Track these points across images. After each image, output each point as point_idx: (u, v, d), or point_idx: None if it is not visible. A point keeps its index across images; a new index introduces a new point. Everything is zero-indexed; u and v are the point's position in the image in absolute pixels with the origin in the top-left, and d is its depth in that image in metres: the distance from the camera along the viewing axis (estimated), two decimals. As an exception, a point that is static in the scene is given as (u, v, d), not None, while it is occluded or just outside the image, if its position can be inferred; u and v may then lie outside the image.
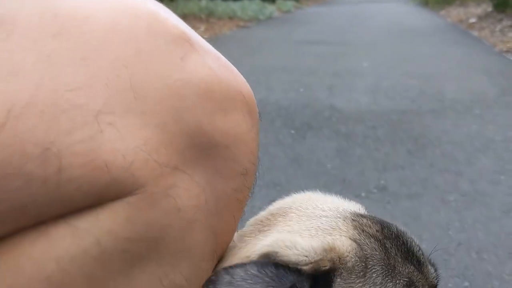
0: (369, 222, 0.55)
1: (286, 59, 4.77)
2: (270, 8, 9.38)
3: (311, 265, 0.46)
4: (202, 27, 6.64)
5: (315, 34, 6.69)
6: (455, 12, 9.64)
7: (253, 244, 0.52)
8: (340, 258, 0.49)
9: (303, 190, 0.62)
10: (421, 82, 3.79)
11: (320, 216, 0.56)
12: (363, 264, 0.50)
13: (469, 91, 3.50)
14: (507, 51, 5.23)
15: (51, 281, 0.36)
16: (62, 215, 0.36)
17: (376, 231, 0.54)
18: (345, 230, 0.53)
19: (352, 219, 0.55)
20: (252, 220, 0.58)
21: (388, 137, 2.51)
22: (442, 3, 10.87)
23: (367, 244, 0.52)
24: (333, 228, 0.53)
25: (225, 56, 0.49)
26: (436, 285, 0.57)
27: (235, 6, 8.49)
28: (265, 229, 0.55)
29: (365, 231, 0.54)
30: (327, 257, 0.48)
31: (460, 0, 10.45)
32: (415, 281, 0.53)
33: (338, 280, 0.49)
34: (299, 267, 0.46)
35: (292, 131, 2.58)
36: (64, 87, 0.35)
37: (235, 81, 0.45)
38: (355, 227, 0.54)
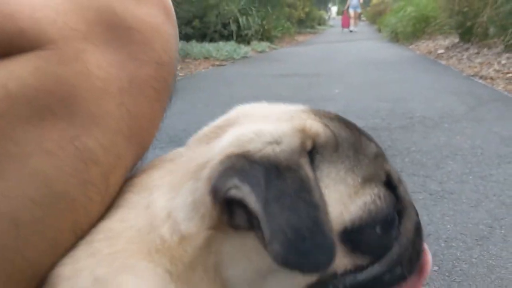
0: (327, 113, 0.56)
1: (261, 90, 4.85)
2: (244, 49, 9.60)
3: (288, 153, 0.44)
4: (178, 67, 6.73)
5: (289, 68, 6.85)
6: (424, 46, 10.00)
7: (206, 151, 0.48)
8: (314, 136, 0.49)
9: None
10: (392, 104, 3.88)
11: (276, 113, 0.54)
12: (334, 140, 0.51)
13: (438, 109, 3.59)
14: (475, 75, 5.42)
15: None
16: None
17: (336, 117, 0.56)
18: (306, 117, 0.52)
19: (310, 110, 0.55)
20: (194, 136, 0.55)
21: (359, 150, 2.54)
22: (411, 38, 11.27)
23: (332, 125, 0.53)
24: (293, 117, 0.52)
25: (202, 88, 0.53)
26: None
27: (210, 47, 8.67)
28: (214, 139, 0.51)
29: (326, 116, 0.54)
30: (302, 137, 0.47)
31: (429, 34, 10.85)
32: (381, 153, 0.57)
33: (318, 156, 0.49)
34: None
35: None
36: None
37: None
38: (315, 114, 0.54)
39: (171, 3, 0.52)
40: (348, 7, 22.52)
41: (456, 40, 8.54)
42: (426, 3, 11.02)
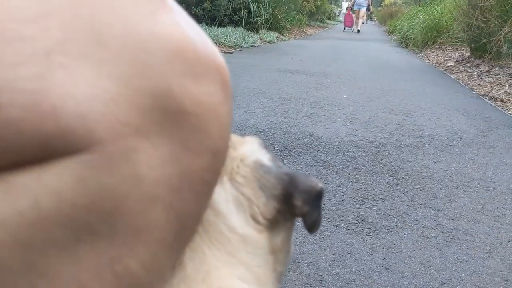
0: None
1: (267, 85, 4.73)
2: (253, 37, 9.44)
3: None
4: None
5: (297, 64, 6.72)
6: (433, 55, 9.90)
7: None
8: None
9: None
10: (400, 117, 3.78)
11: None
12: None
13: (448, 129, 3.50)
14: (485, 95, 5.34)
15: None
16: None
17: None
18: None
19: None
20: None
21: (368, 168, 2.45)
22: (421, 45, 11.16)
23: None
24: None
25: None
26: None
27: (219, 32, 8.51)
28: None
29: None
30: None
31: (439, 44, 10.74)
32: None
33: None
34: None
35: (270, 156, 2.50)
36: (12, 18, 0.29)
37: (208, 47, 0.38)
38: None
39: (228, 73, 0.42)
40: (353, 4, 20.22)
41: (467, 54, 8.44)
42: (440, 12, 10.88)
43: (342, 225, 1.74)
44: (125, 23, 0.32)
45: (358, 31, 19.63)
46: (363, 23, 20.98)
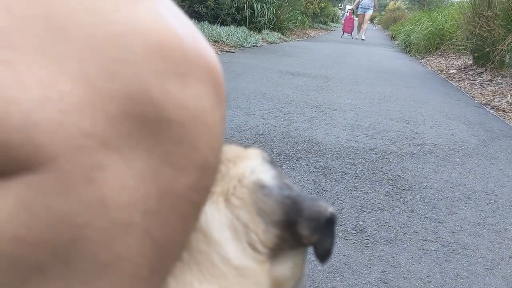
0: None
1: (268, 87, 4.68)
2: (255, 37, 9.39)
3: None
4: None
5: (299, 66, 6.67)
6: (435, 62, 9.85)
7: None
8: None
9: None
10: (401, 124, 3.74)
11: None
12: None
13: (449, 138, 3.46)
14: (486, 104, 5.29)
15: None
16: None
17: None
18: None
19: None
20: None
21: (367, 176, 2.40)
22: (424, 52, 11.12)
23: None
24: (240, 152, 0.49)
25: None
26: None
27: (221, 31, 8.45)
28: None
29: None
30: None
31: (441, 51, 10.70)
32: None
33: None
34: None
35: (269, 160, 2.45)
36: None
37: (198, 42, 0.32)
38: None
39: (221, 73, 0.36)
40: (357, 7, 16.52)
41: (470, 62, 8.39)
42: (444, 19, 10.84)
43: (340, 235, 1.70)
44: (94, 10, 0.26)
45: (363, 39, 16.32)
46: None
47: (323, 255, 0.43)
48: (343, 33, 18.15)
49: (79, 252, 0.25)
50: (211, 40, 7.66)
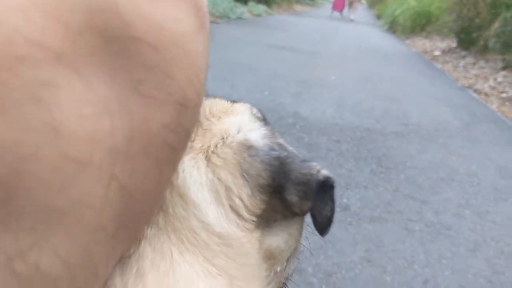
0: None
1: (253, 60, 4.59)
2: (241, 9, 9.21)
3: None
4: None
5: (285, 40, 6.58)
6: (420, 43, 9.84)
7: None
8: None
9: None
10: (386, 103, 3.72)
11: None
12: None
13: (433, 119, 3.45)
14: (469, 87, 5.31)
15: None
16: None
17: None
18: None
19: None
20: None
21: (352, 154, 2.37)
22: (409, 32, 11.10)
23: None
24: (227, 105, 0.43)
25: None
26: None
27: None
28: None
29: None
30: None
31: (426, 32, 10.69)
32: None
33: None
34: None
35: (253, 133, 2.40)
36: None
37: None
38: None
39: None
40: None
41: (454, 44, 8.41)
42: (430, 0, 10.80)
43: (325, 212, 1.67)
44: None
45: (351, 20, 14.83)
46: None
47: (322, 225, 0.38)
48: (332, 11, 16.29)
49: (23, 192, 0.19)
50: (196, 9, 7.48)
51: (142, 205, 0.27)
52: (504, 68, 5.98)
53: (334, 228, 1.58)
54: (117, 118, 0.22)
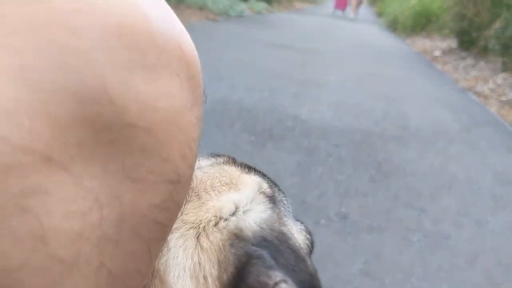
0: (229, 158, 0.46)
1: (253, 59, 4.57)
2: (241, 6, 9.17)
3: None
4: (170, 11, 6.32)
5: (285, 39, 6.55)
6: (420, 43, 9.81)
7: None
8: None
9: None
10: (386, 104, 3.71)
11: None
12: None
13: (432, 122, 3.44)
14: (469, 89, 5.30)
15: None
16: None
17: (239, 163, 0.45)
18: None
19: (224, 162, 0.44)
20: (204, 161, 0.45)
21: (351, 159, 2.36)
22: (409, 31, 11.07)
23: (256, 172, 0.42)
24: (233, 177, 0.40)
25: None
26: None
27: (207, -4, 8.22)
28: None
29: (241, 165, 0.43)
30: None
31: (427, 32, 10.66)
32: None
33: None
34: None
35: (252, 138, 2.38)
36: None
37: (171, 26, 0.25)
38: (235, 165, 0.43)
39: (198, 63, 0.28)
40: None
41: (454, 45, 8.39)
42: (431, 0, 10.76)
43: (323, 221, 1.66)
44: None
45: (351, 19, 13.92)
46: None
47: None
48: (334, 9, 15.36)
49: None
50: (196, 6, 7.44)
51: (132, 285, 0.26)
52: (503, 70, 5.96)
53: (333, 239, 1.57)
54: (106, 208, 0.21)
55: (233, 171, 0.40)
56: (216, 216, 0.34)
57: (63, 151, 0.19)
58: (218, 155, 0.45)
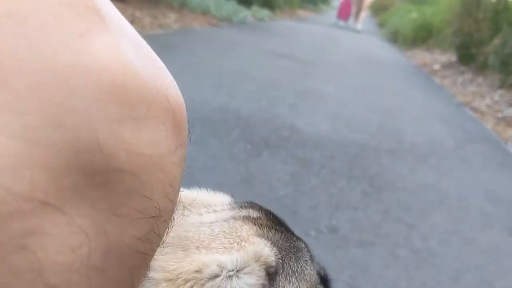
0: (263, 215, 0.49)
1: (253, 68, 4.61)
2: (244, 12, 9.23)
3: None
4: (173, 17, 6.37)
5: (286, 48, 6.60)
6: (420, 56, 9.88)
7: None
8: (268, 267, 0.41)
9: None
10: (382, 118, 3.75)
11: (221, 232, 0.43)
12: (281, 263, 0.44)
13: (428, 137, 3.48)
14: (466, 105, 5.35)
15: None
16: None
17: (267, 220, 0.48)
18: (252, 233, 0.43)
19: (244, 217, 0.46)
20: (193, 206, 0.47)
21: (345, 172, 2.40)
22: (410, 44, 11.14)
23: (272, 236, 0.45)
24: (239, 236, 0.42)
25: (194, 50, 0.32)
26: None
27: (210, 2, 8.27)
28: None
29: (265, 225, 0.46)
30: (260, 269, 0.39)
31: (427, 45, 10.74)
32: (310, 252, 0.50)
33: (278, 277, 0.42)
34: None
35: (248, 146, 2.42)
36: None
37: (160, 80, 0.29)
38: (255, 223, 0.45)
39: (184, 111, 0.32)
40: None
41: (453, 59, 8.45)
42: (433, 13, 10.84)
43: (313, 233, 1.69)
44: (38, 51, 0.22)
45: (358, 31, 13.39)
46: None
47: None
48: (337, 20, 14.83)
49: None
50: (199, 11, 7.49)
51: None
52: (501, 86, 6.02)
53: (322, 252, 1.60)
54: (94, 241, 0.25)
55: (244, 232, 0.42)
56: (198, 272, 0.35)
57: (59, 195, 0.22)
58: (243, 206, 0.47)
